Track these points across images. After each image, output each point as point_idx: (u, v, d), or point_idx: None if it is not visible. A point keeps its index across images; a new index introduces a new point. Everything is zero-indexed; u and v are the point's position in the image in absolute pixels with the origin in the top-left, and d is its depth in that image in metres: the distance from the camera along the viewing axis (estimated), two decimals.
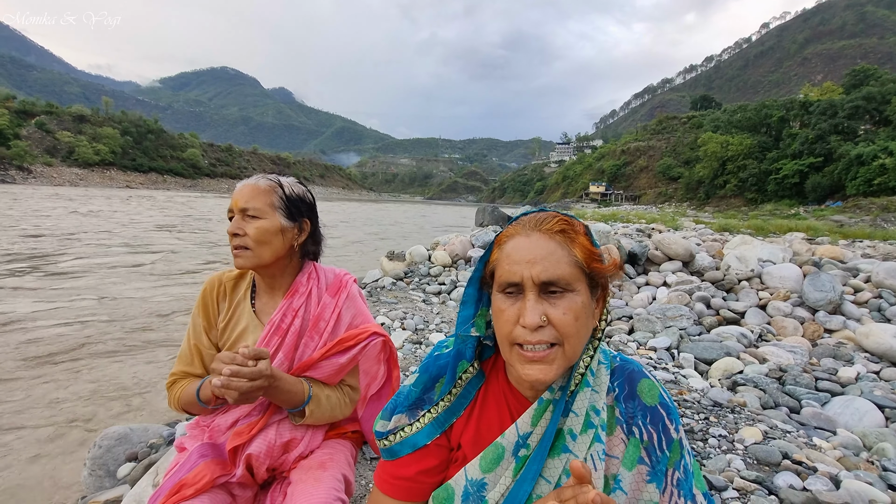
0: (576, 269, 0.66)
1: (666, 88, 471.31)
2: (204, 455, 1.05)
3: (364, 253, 12.73)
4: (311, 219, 1.22)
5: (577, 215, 7.39)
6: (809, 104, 47.55)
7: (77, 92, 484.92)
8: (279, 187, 1.16)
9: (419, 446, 0.78)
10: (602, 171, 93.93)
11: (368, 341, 1.15)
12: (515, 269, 0.66)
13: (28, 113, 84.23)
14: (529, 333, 0.64)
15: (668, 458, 0.73)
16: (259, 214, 1.11)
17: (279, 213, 1.14)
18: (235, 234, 1.10)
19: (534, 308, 0.64)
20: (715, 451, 2.12)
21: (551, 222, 0.69)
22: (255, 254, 1.11)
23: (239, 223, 1.11)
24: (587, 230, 0.72)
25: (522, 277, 0.65)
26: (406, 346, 3.42)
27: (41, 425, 3.00)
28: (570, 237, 0.68)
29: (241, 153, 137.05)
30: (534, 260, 0.65)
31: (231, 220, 1.13)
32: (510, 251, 0.68)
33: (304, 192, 1.23)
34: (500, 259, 0.70)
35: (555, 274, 0.65)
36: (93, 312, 5.32)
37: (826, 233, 13.31)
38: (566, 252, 0.67)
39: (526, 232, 0.69)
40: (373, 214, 35.99)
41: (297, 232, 1.19)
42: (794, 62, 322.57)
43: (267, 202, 1.12)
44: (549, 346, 0.65)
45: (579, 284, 0.67)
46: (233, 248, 1.11)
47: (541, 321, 0.64)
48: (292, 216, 1.17)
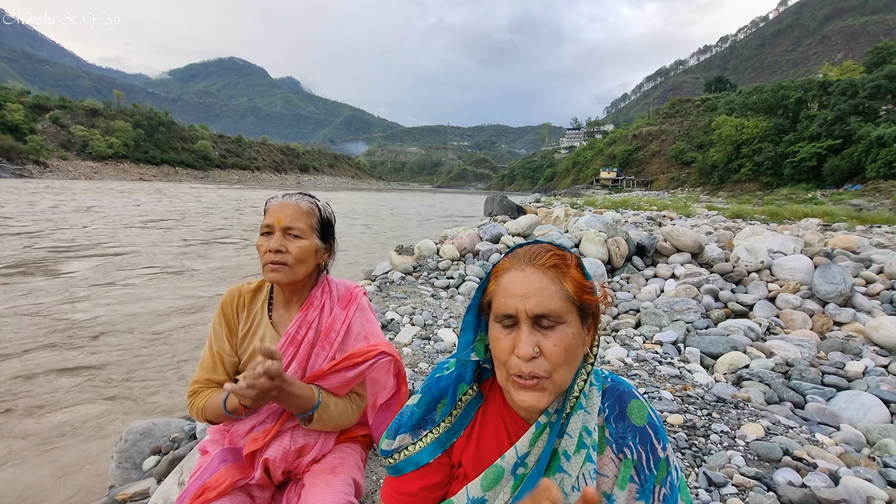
0: (567, 302, 0.71)
1: (679, 70, 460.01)
2: (225, 460, 1.13)
3: (373, 244, 12.83)
4: (335, 239, 1.31)
5: (587, 203, 7.38)
6: (829, 84, 46.11)
7: (89, 85, 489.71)
8: (318, 209, 1.24)
9: (422, 464, 0.84)
10: (613, 156, 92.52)
11: (377, 359, 1.22)
12: (511, 302, 0.71)
13: (42, 107, 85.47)
14: (524, 364, 0.70)
15: (655, 476, 0.78)
16: (302, 235, 1.18)
17: (315, 235, 1.22)
18: (278, 251, 1.16)
19: (527, 339, 0.69)
20: (716, 447, 2.17)
21: (544, 257, 0.74)
22: (293, 271, 1.18)
23: (282, 241, 1.17)
24: (579, 262, 0.77)
25: (517, 310, 0.70)
26: (415, 342, 3.49)
27: (65, 419, 3.16)
28: (562, 271, 0.73)
29: (251, 144, 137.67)
30: (528, 294, 0.70)
31: (266, 236, 1.19)
32: (506, 284, 0.73)
33: (332, 215, 1.31)
34: (497, 291, 0.75)
35: (547, 308, 0.70)
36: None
37: (843, 218, 13.03)
38: (558, 287, 0.71)
39: (521, 266, 0.74)
40: (379, 204, 36.07)
41: (326, 253, 1.27)
42: (814, 40, 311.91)
43: (308, 223, 1.20)
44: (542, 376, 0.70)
45: (570, 316, 0.72)
46: (269, 263, 1.17)
47: (534, 352, 0.69)
48: (325, 237, 1.25)
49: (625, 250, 5.72)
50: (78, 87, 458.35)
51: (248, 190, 56.86)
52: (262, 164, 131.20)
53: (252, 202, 29.27)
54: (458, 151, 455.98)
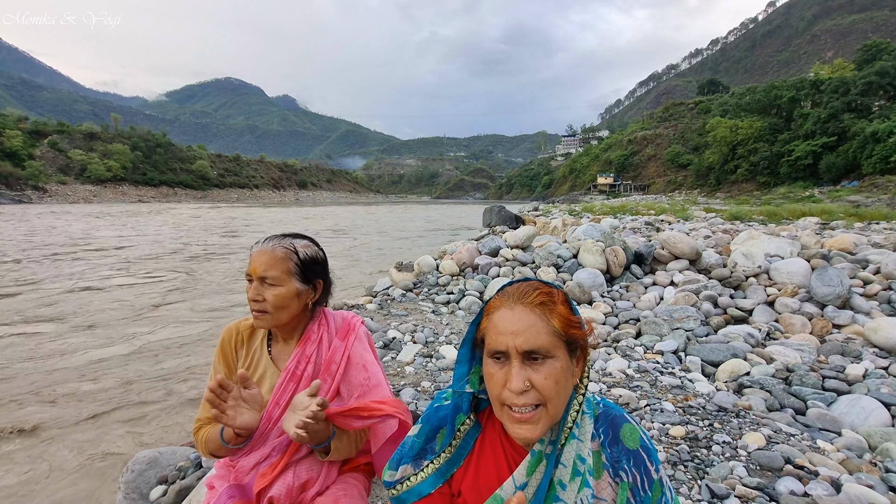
0: (554, 337, 0.76)
1: (671, 75, 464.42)
2: (231, 497, 1.16)
3: (370, 261, 12.88)
4: (324, 276, 1.32)
5: (585, 209, 7.45)
6: (820, 83, 46.53)
7: (86, 110, 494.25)
8: (294, 254, 1.25)
9: (424, 494, 0.88)
10: (609, 161, 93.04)
11: (382, 420, 1.23)
12: (501, 339, 0.76)
13: (40, 133, 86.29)
14: (516, 397, 0.74)
15: (650, 497, 0.81)
16: (277, 283, 1.20)
17: (295, 279, 1.23)
18: (255, 300, 1.20)
19: (518, 374, 0.74)
20: (718, 458, 2.18)
21: (532, 295, 0.78)
22: (273, 317, 1.21)
23: (258, 290, 1.20)
24: (566, 298, 0.81)
25: (508, 347, 0.75)
26: (417, 360, 3.52)
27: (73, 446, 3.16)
28: (549, 308, 0.77)
29: (249, 162, 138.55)
30: (517, 332, 0.75)
31: (250, 283, 1.23)
32: (497, 322, 0.78)
33: (317, 253, 1.31)
34: (489, 328, 0.79)
35: (535, 344, 0.74)
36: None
37: (841, 216, 13.08)
38: (545, 323, 0.76)
39: (510, 305, 0.78)
40: (377, 217, 36.18)
41: (313, 292, 1.29)
42: (804, 40, 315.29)
43: (283, 269, 1.22)
44: (535, 408, 0.75)
45: (558, 351, 0.76)
46: (252, 311, 1.22)
47: (524, 386, 0.74)
48: (307, 279, 1.26)
49: (623, 259, 5.76)
50: (75, 112, 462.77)
51: (255, 207, 57.02)
52: (261, 182, 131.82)
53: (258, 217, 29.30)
54: (455, 162, 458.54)
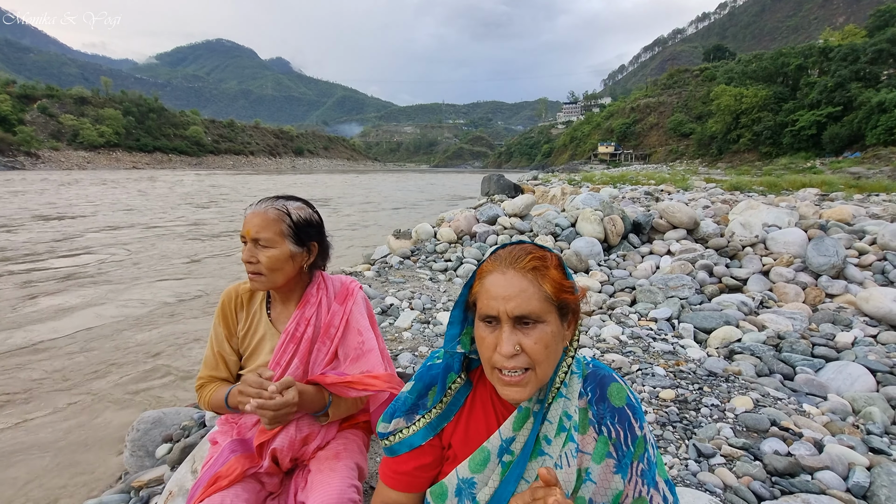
0: (546, 302, 0.76)
1: (677, 39, 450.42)
2: (234, 450, 1.20)
3: (372, 226, 12.85)
4: (319, 239, 1.32)
5: (585, 179, 7.38)
6: (829, 50, 45.31)
7: (75, 73, 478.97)
8: (287, 216, 1.24)
9: (415, 446, 0.91)
10: (611, 130, 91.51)
11: (376, 394, 1.27)
12: (493, 304, 0.76)
13: (29, 97, 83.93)
14: (506, 360, 0.75)
15: (633, 452, 0.85)
16: (269, 244, 1.20)
17: (288, 241, 1.23)
18: (249, 262, 1.20)
19: (509, 339, 0.74)
20: (706, 419, 2.25)
21: (524, 260, 0.78)
22: (268, 279, 1.22)
23: (252, 251, 1.21)
24: (560, 262, 0.81)
25: (499, 312, 0.75)
26: (415, 326, 3.57)
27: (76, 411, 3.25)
28: (541, 273, 0.77)
29: (244, 128, 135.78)
30: (508, 297, 0.75)
31: (244, 245, 1.23)
32: (489, 286, 0.78)
33: (311, 215, 1.31)
34: (481, 292, 0.79)
35: (526, 309, 0.74)
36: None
37: (841, 187, 13.00)
38: (537, 289, 0.75)
39: (502, 269, 0.78)
40: (371, 187, 35.89)
41: (307, 254, 1.29)
42: (815, 4, 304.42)
43: (276, 231, 1.21)
44: (524, 371, 0.76)
45: (549, 316, 0.76)
46: (248, 273, 1.23)
47: (515, 350, 0.74)
48: (301, 241, 1.26)
49: (621, 228, 5.76)
50: (64, 75, 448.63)
51: (254, 175, 56.27)
52: (256, 149, 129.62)
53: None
54: (454, 130, 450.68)
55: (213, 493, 1.10)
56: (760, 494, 1.71)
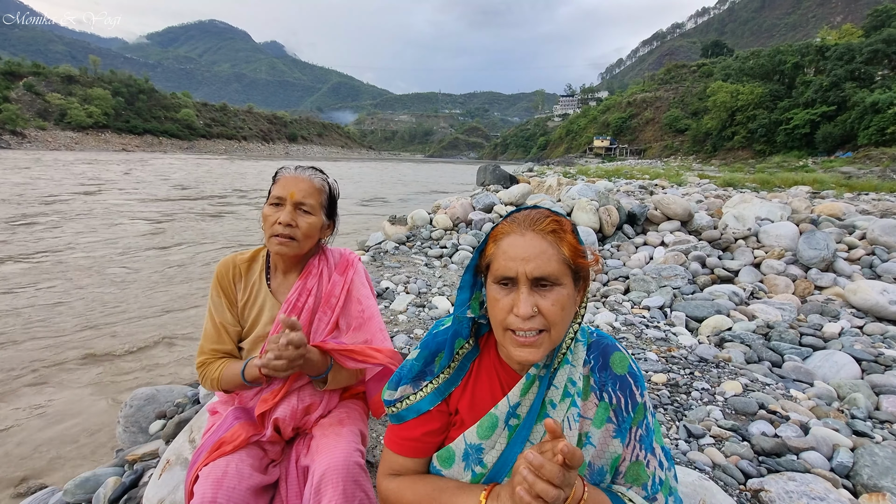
0: (563, 265, 0.76)
1: (676, 34, 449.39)
2: (238, 418, 1.21)
3: (366, 214, 12.79)
4: (338, 215, 1.35)
5: (580, 172, 7.39)
6: (826, 48, 45.42)
7: (62, 50, 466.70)
8: (328, 187, 1.27)
9: (423, 412, 0.91)
10: (607, 124, 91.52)
11: (375, 368, 1.28)
12: (511, 265, 0.76)
13: (15, 74, 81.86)
14: (521, 321, 0.75)
15: (632, 418, 0.87)
16: (312, 211, 1.21)
17: (323, 212, 1.25)
18: (288, 225, 1.18)
19: (526, 300, 0.75)
20: (697, 403, 2.30)
21: (544, 222, 0.78)
22: (300, 245, 1.22)
23: (293, 215, 1.19)
24: (574, 228, 0.82)
25: (517, 273, 0.75)
26: (410, 309, 3.58)
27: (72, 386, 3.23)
28: (559, 236, 0.77)
29: (237, 112, 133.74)
30: (528, 258, 0.75)
31: (275, 206, 1.20)
32: (506, 248, 0.77)
33: (338, 191, 1.34)
34: (497, 254, 0.79)
35: (546, 271, 0.74)
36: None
37: (832, 186, 13.16)
38: (556, 251, 0.76)
39: (521, 231, 0.78)
40: (370, 175, 35.64)
41: (329, 229, 1.31)
42: (813, 2, 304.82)
43: (319, 200, 1.23)
44: (538, 332, 0.76)
45: (565, 278, 0.77)
46: (277, 236, 1.19)
47: (532, 311, 0.74)
48: (330, 214, 1.29)
49: (616, 219, 5.79)
50: (51, 52, 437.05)
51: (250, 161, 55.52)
52: (249, 134, 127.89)
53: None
54: (450, 119, 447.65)
55: (217, 457, 1.10)
56: (748, 472, 1.76)
